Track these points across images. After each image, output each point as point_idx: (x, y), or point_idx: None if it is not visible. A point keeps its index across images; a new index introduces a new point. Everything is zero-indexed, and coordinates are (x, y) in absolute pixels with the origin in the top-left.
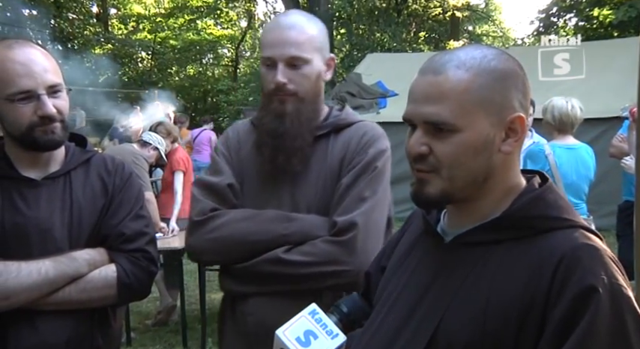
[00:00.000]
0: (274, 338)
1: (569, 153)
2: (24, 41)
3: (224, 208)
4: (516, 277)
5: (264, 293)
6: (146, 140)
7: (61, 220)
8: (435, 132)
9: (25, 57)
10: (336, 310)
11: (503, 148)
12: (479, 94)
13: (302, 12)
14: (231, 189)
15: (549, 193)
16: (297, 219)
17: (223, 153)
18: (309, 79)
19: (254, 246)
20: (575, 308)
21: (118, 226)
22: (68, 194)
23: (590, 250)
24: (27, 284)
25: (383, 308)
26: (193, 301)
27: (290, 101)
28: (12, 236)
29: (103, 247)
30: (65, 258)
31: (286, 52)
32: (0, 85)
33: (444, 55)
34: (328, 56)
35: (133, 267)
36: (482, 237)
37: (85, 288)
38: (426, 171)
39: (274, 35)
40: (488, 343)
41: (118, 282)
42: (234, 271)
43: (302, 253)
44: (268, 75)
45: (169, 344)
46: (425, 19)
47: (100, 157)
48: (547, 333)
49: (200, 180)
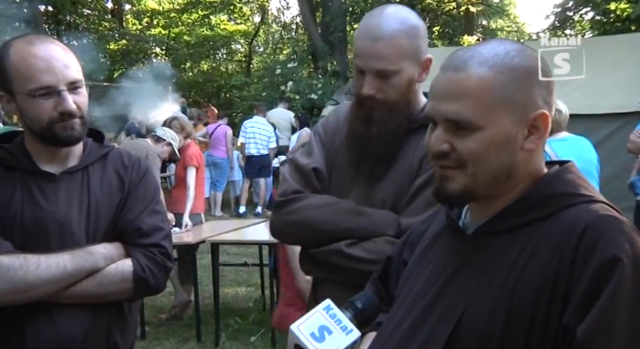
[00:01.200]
0: (289, 332)
1: (563, 144)
2: (45, 37)
3: (307, 191)
4: (540, 258)
5: (334, 280)
6: (160, 135)
7: (79, 214)
8: (456, 129)
9: (47, 53)
10: (351, 306)
11: (526, 146)
12: (501, 93)
13: (398, 9)
14: (316, 173)
15: (567, 173)
16: (366, 214)
17: (319, 135)
18: (398, 88)
19: (322, 234)
20: (598, 278)
21: (135, 221)
22: (86, 188)
23: (613, 221)
24: (46, 277)
25: (405, 300)
26: (207, 296)
27: (379, 109)
28: (31, 229)
29: (120, 242)
30: (83, 252)
31: (373, 65)
32: (21, 80)
33: (467, 51)
34: (423, 58)
35: (149, 262)
36: (502, 225)
37: (102, 282)
38: (449, 167)
39: (364, 45)
40: (513, 330)
41: (134, 277)
42: (308, 255)
43: (363, 249)
44: (359, 80)
45: (183, 338)
46: (439, 13)
47: (117, 152)
48: (572, 304)
49: (292, 159)
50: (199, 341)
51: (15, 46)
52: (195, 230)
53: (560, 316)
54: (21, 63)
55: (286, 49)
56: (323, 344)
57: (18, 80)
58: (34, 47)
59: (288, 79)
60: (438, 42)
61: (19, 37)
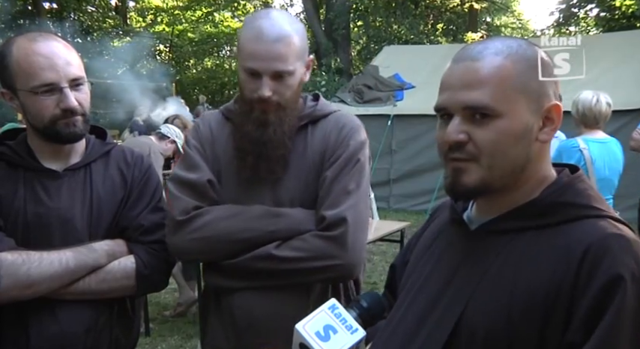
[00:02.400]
0: (294, 332)
1: (601, 148)
2: (47, 34)
3: (205, 205)
4: (543, 266)
5: (253, 287)
6: (164, 133)
7: (81, 211)
8: (474, 119)
9: (49, 50)
10: (356, 305)
11: (540, 137)
12: (519, 81)
13: (281, 12)
14: (210, 185)
15: (579, 182)
16: (284, 215)
17: (197, 147)
18: (292, 88)
19: (243, 243)
20: (602, 297)
21: (137, 218)
22: (88, 185)
23: (619, 239)
24: (48, 273)
25: (407, 296)
26: None
27: (273, 111)
28: (34, 226)
29: (122, 238)
30: (85, 248)
31: (272, 67)
32: (24, 77)
33: (478, 44)
34: (307, 58)
35: (152, 259)
36: (509, 225)
37: (105, 279)
38: (463, 160)
39: (259, 48)
40: (513, 331)
41: (136, 273)
42: (221, 267)
43: (293, 248)
44: (251, 83)
45: (187, 335)
46: (442, 10)
47: (119, 150)
48: (574, 322)
49: (177, 176)
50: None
51: (17, 43)
52: None
53: (561, 330)
54: (23, 60)
55: None
56: (328, 343)
57: (20, 77)
58: (36, 44)
59: None
60: (441, 39)
61: (22, 34)
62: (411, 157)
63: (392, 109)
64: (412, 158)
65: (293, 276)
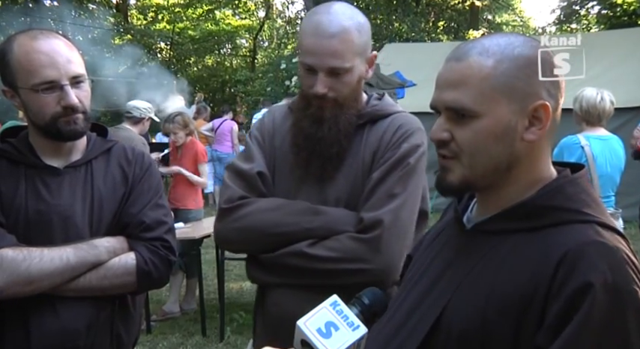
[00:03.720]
0: (295, 328)
1: (602, 145)
2: (48, 31)
3: (252, 196)
4: (521, 268)
5: (288, 284)
6: (136, 115)
7: (82, 208)
8: (456, 118)
9: (50, 47)
10: (358, 302)
11: (526, 136)
12: (500, 81)
13: (343, 5)
14: (260, 177)
15: (570, 186)
16: (323, 213)
17: (257, 139)
18: (349, 86)
19: (278, 237)
20: (571, 303)
21: (138, 215)
22: (89, 182)
23: (598, 246)
24: (49, 270)
25: (403, 292)
26: (212, 290)
27: (329, 107)
28: (35, 223)
29: (123, 235)
30: (86, 245)
31: (328, 63)
32: (25, 75)
33: (469, 43)
34: (370, 55)
35: (152, 256)
36: (499, 226)
37: (106, 275)
38: (448, 158)
39: (315, 43)
40: (487, 332)
41: (137, 270)
42: (260, 260)
43: (326, 248)
44: (308, 79)
45: (189, 332)
46: (444, 8)
47: (120, 147)
48: (544, 327)
49: (232, 165)
50: (204, 336)
51: (18, 41)
52: (198, 224)
53: (533, 333)
54: (24, 57)
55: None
56: (329, 340)
57: (21, 75)
58: (37, 42)
59: (292, 73)
60: (443, 37)
61: (23, 32)
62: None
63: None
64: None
65: (324, 277)
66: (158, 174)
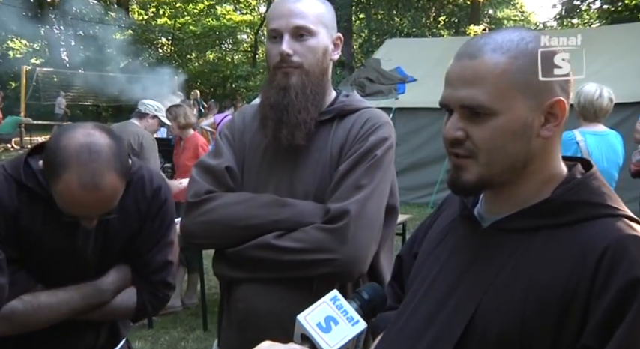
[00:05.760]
0: (295, 323)
1: (599, 140)
2: (99, 178)
3: (220, 191)
4: (558, 266)
5: (255, 279)
6: (142, 111)
7: (95, 243)
8: (471, 116)
9: (86, 202)
10: (357, 297)
11: (542, 133)
12: (516, 77)
13: None
14: (229, 172)
15: (593, 180)
16: (290, 205)
17: (226, 136)
18: (314, 52)
19: (245, 231)
20: (621, 299)
21: (146, 255)
22: (104, 220)
23: (637, 241)
24: (56, 317)
25: (417, 293)
26: (213, 285)
27: (295, 73)
28: (49, 258)
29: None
30: (93, 289)
31: (292, 22)
32: (55, 198)
33: (480, 38)
34: (335, 35)
35: (152, 298)
36: (522, 224)
37: (106, 312)
38: (463, 156)
39: (280, 7)
40: (527, 331)
41: (136, 310)
42: (226, 255)
43: (293, 239)
44: (273, 48)
45: (190, 326)
46: (445, 3)
47: (139, 178)
48: (591, 324)
49: (200, 162)
50: (206, 330)
51: (66, 177)
52: None
53: (577, 332)
54: (64, 195)
55: None
56: (329, 334)
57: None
58: (81, 192)
59: None
60: (444, 32)
61: (77, 161)
62: (413, 150)
63: (394, 102)
64: (414, 151)
65: (292, 269)
66: (172, 212)
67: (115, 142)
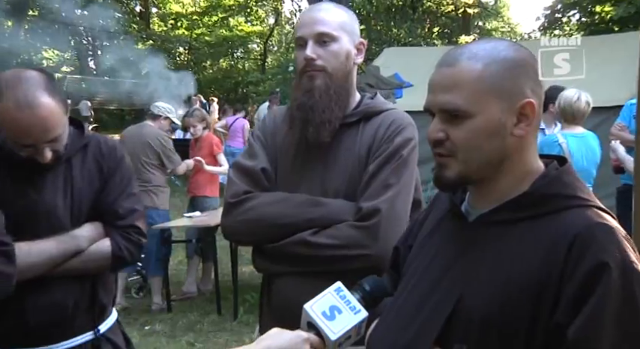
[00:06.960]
0: (302, 311)
1: (579, 141)
2: (33, 96)
3: (257, 191)
4: (534, 254)
5: (292, 273)
6: (155, 112)
7: (64, 201)
8: (450, 119)
9: (29, 122)
10: (359, 288)
11: (515, 132)
12: (490, 82)
13: (335, 3)
14: (264, 173)
15: (566, 174)
16: (323, 204)
17: (259, 138)
18: (337, 57)
19: (282, 228)
20: (587, 282)
21: (112, 205)
22: (69, 179)
23: (605, 228)
24: (36, 264)
25: (408, 284)
26: (226, 273)
27: (319, 76)
28: (22, 217)
29: (100, 221)
30: (68, 237)
31: (315, 29)
32: (6, 131)
33: (457, 49)
34: (358, 40)
35: (125, 242)
36: (504, 216)
37: (85, 260)
38: (444, 155)
39: (305, 17)
40: (506, 316)
41: (112, 255)
42: (266, 251)
43: (327, 236)
44: (300, 55)
45: (205, 311)
46: (438, 15)
47: (95, 142)
48: (561, 307)
49: (236, 163)
50: (219, 314)
51: (3, 106)
52: (214, 213)
53: (550, 313)
54: (7, 123)
55: None
56: (333, 322)
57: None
58: (19, 114)
59: None
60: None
61: (12, 87)
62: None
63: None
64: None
65: (326, 263)
66: (129, 165)
67: (46, 76)
